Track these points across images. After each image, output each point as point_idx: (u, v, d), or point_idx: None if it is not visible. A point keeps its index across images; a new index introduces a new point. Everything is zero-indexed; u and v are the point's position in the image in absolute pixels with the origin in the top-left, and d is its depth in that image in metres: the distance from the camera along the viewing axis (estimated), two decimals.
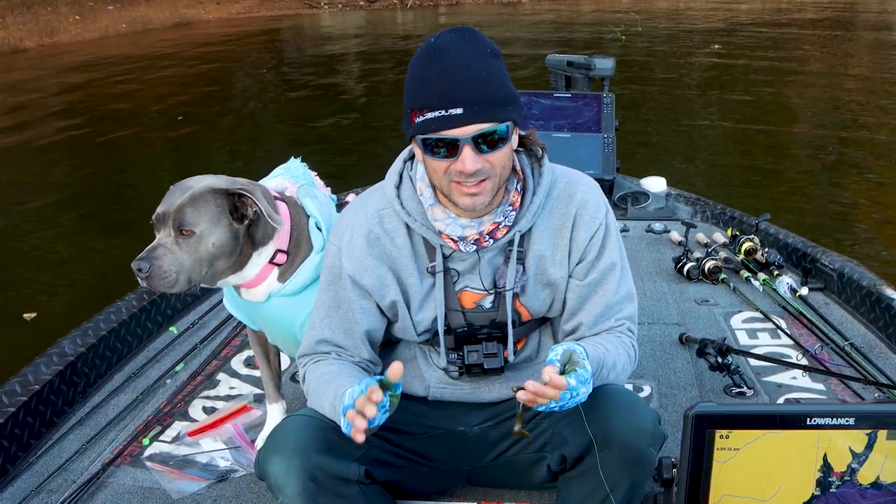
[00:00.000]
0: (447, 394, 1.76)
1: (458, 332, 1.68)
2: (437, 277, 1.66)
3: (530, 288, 1.67)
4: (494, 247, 1.64)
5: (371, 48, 15.05)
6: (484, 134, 1.47)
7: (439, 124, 1.46)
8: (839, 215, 5.85)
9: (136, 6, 18.13)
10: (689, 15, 18.17)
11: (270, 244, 1.87)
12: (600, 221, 1.67)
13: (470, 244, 1.62)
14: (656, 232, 3.78)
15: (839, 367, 2.55)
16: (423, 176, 1.63)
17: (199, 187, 1.78)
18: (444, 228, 1.61)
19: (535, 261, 1.66)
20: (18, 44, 14.93)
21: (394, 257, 1.67)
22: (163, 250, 1.74)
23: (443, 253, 1.65)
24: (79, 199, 6.69)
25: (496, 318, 1.67)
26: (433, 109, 1.46)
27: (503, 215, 1.61)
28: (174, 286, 1.75)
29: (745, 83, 10.63)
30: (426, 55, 1.49)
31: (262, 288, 1.91)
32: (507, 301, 1.66)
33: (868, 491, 1.42)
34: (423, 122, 1.47)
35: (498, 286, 1.66)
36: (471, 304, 1.69)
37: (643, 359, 2.63)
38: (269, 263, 1.88)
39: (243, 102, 10.81)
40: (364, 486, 1.62)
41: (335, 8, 20.77)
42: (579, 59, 4.27)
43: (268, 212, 1.77)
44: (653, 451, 1.56)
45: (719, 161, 7.38)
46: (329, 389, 1.57)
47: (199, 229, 1.75)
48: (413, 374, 1.78)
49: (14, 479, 2.11)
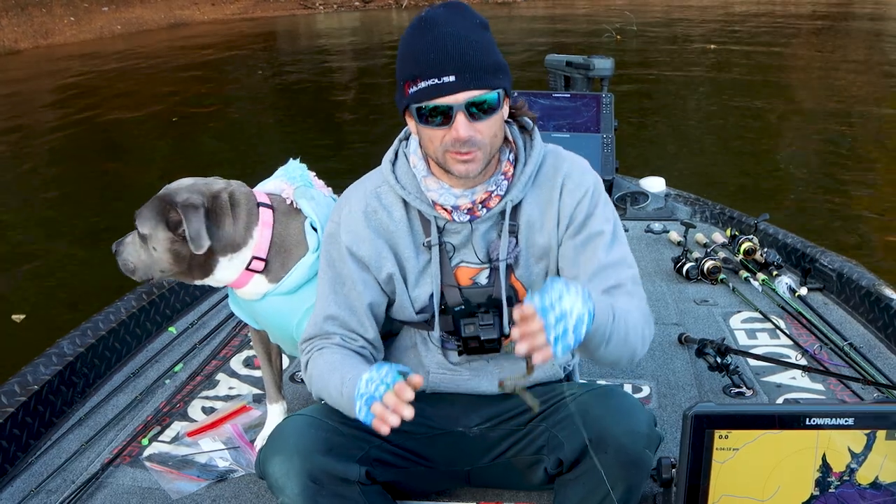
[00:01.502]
0: (447, 381, 1.76)
1: (455, 310, 1.69)
2: (433, 252, 1.67)
3: (523, 260, 1.68)
4: (487, 218, 1.66)
5: (366, 48, 15.04)
6: (476, 101, 1.50)
7: (432, 92, 1.49)
8: (839, 215, 5.86)
9: (130, 7, 18.09)
10: (683, 13, 18.18)
11: (245, 250, 1.90)
12: (586, 188, 1.67)
13: (463, 214, 1.65)
14: (655, 232, 3.78)
15: (838, 367, 2.56)
16: (416, 150, 1.67)
17: (161, 192, 1.90)
18: (438, 198, 1.64)
19: (527, 232, 1.67)
20: (13, 45, 14.90)
21: (390, 231, 1.69)
22: (126, 244, 1.94)
23: (437, 226, 1.67)
24: (71, 201, 6.67)
25: (492, 293, 1.68)
26: (426, 78, 1.49)
27: (495, 184, 1.64)
28: (134, 275, 1.95)
29: (741, 81, 10.63)
30: (417, 28, 1.53)
31: (248, 289, 1.94)
32: (501, 272, 1.67)
33: (867, 491, 1.42)
34: (416, 92, 1.51)
35: (492, 259, 1.68)
36: (467, 281, 1.70)
37: (642, 359, 2.63)
38: (246, 270, 1.91)
39: (238, 104, 10.79)
40: (364, 486, 1.62)
41: (330, 9, 20.73)
42: (578, 60, 4.27)
43: (193, 234, 1.81)
44: (649, 453, 1.57)
45: (719, 160, 7.39)
46: (335, 375, 1.58)
47: (145, 232, 1.88)
48: (413, 362, 1.78)
49: (13, 479, 2.11)
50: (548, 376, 1.79)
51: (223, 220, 1.87)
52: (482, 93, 1.50)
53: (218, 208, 1.87)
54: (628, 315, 1.52)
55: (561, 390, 1.72)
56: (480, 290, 1.69)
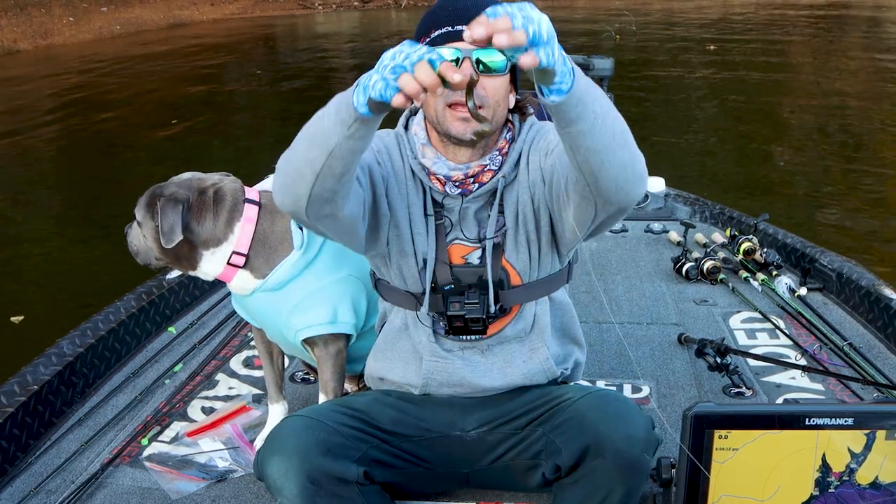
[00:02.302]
0: (440, 369, 1.75)
1: (444, 289, 1.70)
2: (429, 222, 1.69)
3: (511, 240, 1.69)
4: (480, 194, 1.67)
5: (365, 48, 15.03)
6: (485, 56, 1.53)
7: (444, 38, 1.55)
8: (839, 215, 5.86)
9: (129, 8, 18.07)
10: (683, 13, 18.18)
11: (225, 245, 1.94)
12: (537, 131, 1.70)
13: (454, 186, 1.67)
14: (655, 232, 3.78)
15: (838, 367, 2.55)
16: (419, 121, 1.70)
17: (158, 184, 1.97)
18: (431, 166, 1.67)
19: (519, 212, 1.69)
20: (13, 45, 14.89)
21: (397, 170, 1.71)
22: (132, 227, 2.03)
23: (433, 198, 1.69)
24: (70, 201, 6.67)
25: (482, 274, 1.69)
26: (439, 27, 1.56)
27: (489, 159, 1.67)
28: (137, 258, 2.05)
29: (741, 81, 10.64)
30: None
31: (236, 284, 1.99)
32: (488, 251, 1.68)
33: (867, 491, 1.42)
34: (429, 41, 1.56)
35: (482, 238, 1.69)
36: (459, 260, 1.71)
37: (642, 359, 2.64)
38: (228, 265, 1.94)
39: (237, 103, 10.79)
40: (363, 487, 1.62)
41: (329, 9, 20.73)
42: (578, 59, 4.26)
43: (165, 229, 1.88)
44: (647, 457, 1.57)
45: (718, 160, 7.39)
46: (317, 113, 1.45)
47: (139, 220, 1.98)
48: (406, 345, 1.78)
49: (13, 479, 2.11)
50: (546, 376, 1.78)
51: (205, 215, 1.92)
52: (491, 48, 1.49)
53: (201, 203, 1.92)
54: (613, 110, 1.41)
55: (558, 394, 1.72)
56: (471, 270, 1.69)
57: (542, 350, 1.76)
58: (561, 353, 1.82)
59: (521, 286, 1.72)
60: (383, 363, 1.83)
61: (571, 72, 1.27)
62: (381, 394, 1.84)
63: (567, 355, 1.85)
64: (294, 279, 1.95)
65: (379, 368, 1.84)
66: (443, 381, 1.76)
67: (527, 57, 1.18)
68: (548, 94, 1.27)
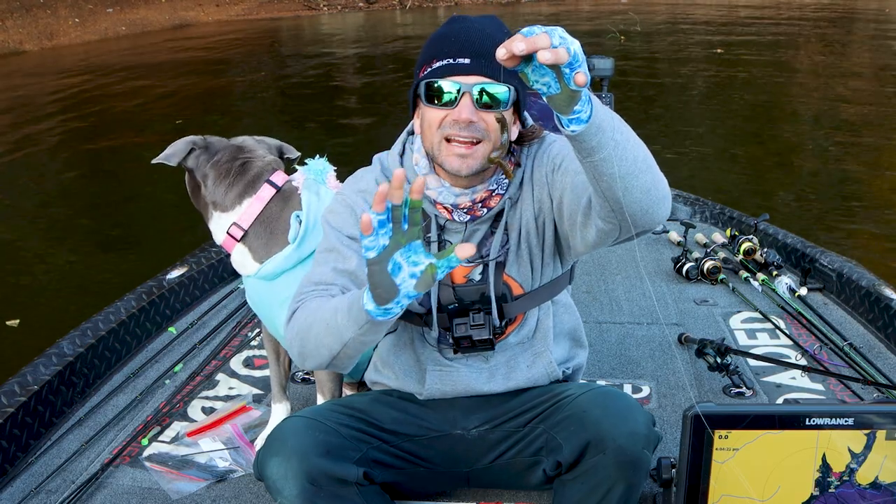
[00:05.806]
0: (443, 377, 1.75)
1: (449, 308, 1.69)
2: (433, 249, 1.67)
3: (512, 255, 1.69)
4: (485, 218, 1.67)
5: (370, 49, 15.04)
6: (486, 89, 1.52)
7: (445, 71, 1.54)
8: (840, 215, 5.85)
9: (135, 9, 18.10)
10: (688, 14, 18.17)
11: (231, 213, 2.01)
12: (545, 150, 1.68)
13: (463, 213, 1.66)
14: (655, 232, 3.78)
15: (838, 367, 2.55)
16: (419, 148, 1.68)
17: None
18: (437, 196, 1.65)
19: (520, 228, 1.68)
20: (18, 46, 14.92)
21: None
22: None
23: (438, 224, 1.68)
24: (73, 205, 6.65)
25: (485, 291, 1.68)
26: (442, 58, 1.55)
27: (497, 183, 1.66)
28: None
29: (745, 82, 10.62)
30: (446, 22, 1.61)
31: (236, 259, 2.03)
32: (490, 270, 1.68)
33: (867, 491, 1.42)
34: (430, 72, 1.55)
35: (483, 255, 1.69)
36: (461, 279, 1.70)
37: (642, 359, 2.64)
38: (227, 235, 2.00)
39: (242, 104, 10.80)
40: (363, 487, 1.62)
41: (334, 9, 20.75)
42: None
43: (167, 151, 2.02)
44: (647, 453, 1.56)
45: (718, 160, 7.38)
46: (326, 305, 1.52)
47: None
48: (410, 359, 1.78)
49: (13, 479, 2.11)
50: (549, 378, 1.78)
51: (224, 179, 2.01)
52: (494, 83, 1.52)
53: (228, 167, 2.01)
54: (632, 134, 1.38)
55: (559, 391, 1.72)
56: (473, 288, 1.69)
57: (545, 354, 1.76)
58: (564, 355, 1.83)
59: (523, 295, 1.72)
60: (385, 374, 1.83)
61: (589, 100, 1.25)
62: (381, 393, 1.84)
63: (570, 357, 1.85)
64: (286, 272, 1.95)
65: (381, 378, 1.85)
66: (447, 390, 1.76)
67: (580, 75, 1.18)
68: (567, 124, 1.25)
